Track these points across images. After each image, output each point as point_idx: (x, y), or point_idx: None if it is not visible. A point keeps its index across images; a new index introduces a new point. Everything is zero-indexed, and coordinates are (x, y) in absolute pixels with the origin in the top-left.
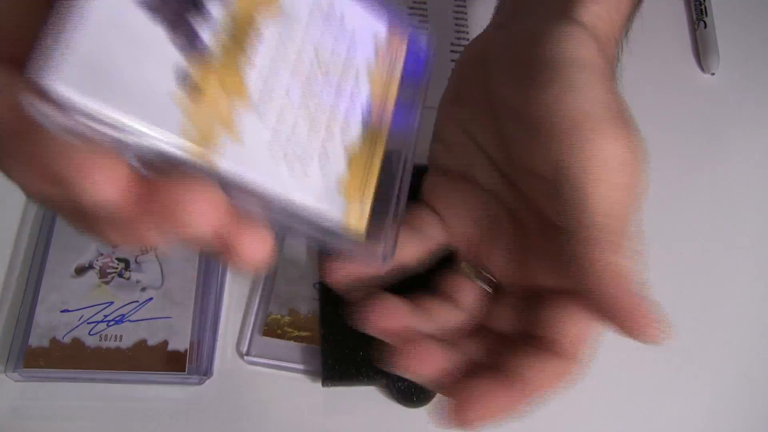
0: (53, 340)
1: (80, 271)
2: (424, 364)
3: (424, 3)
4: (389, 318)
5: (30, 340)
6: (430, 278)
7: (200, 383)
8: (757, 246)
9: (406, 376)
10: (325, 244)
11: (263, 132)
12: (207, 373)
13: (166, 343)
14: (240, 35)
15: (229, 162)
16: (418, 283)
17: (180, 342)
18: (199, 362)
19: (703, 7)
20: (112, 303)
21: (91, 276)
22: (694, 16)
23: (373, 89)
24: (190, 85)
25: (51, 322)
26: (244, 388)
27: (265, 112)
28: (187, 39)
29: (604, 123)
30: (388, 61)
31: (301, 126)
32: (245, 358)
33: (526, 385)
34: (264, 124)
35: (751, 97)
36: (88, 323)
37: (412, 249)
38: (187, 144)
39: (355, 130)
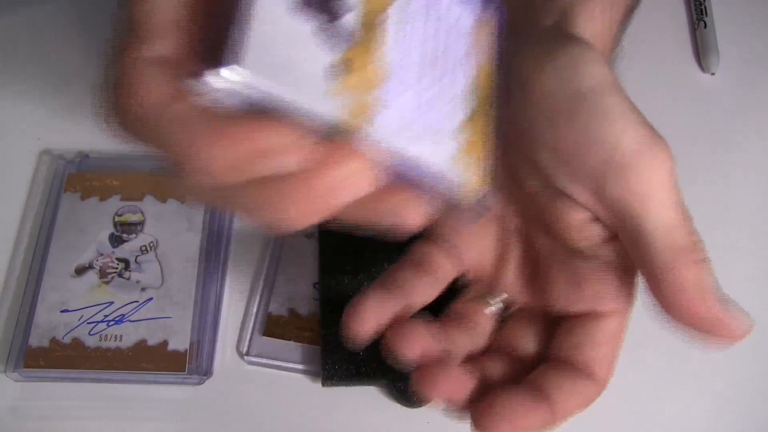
0: (53, 340)
1: (80, 271)
2: (453, 389)
3: None
4: (414, 343)
5: (30, 340)
6: (443, 305)
7: (200, 383)
8: (757, 246)
9: (434, 404)
10: (451, 201)
11: (407, 104)
12: (207, 373)
13: (166, 343)
14: (372, 20)
15: (384, 131)
16: (431, 310)
17: (180, 342)
18: (199, 362)
19: (703, 7)
20: (112, 303)
21: (91, 276)
22: (694, 16)
23: (479, 72)
24: (343, 66)
25: (51, 322)
26: (244, 388)
27: (404, 88)
28: (332, 24)
29: (644, 145)
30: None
31: (433, 101)
32: (245, 358)
33: (556, 405)
34: (405, 98)
35: (751, 97)
36: (88, 323)
37: (425, 295)
38: (344, 116)
39: (470, 104)
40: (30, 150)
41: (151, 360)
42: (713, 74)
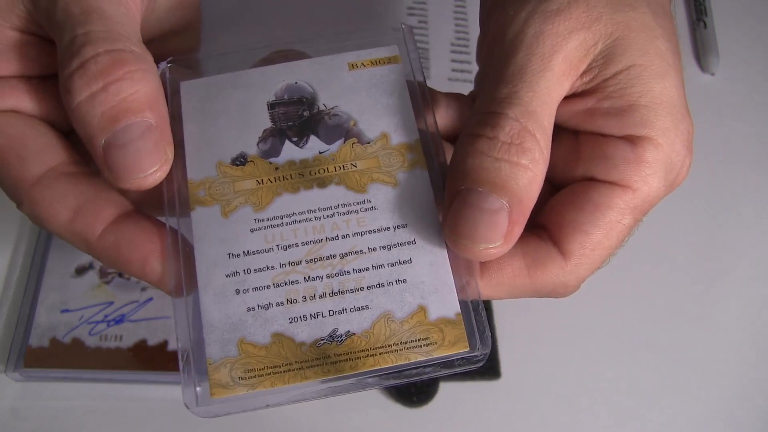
0: (53, 340)
1: (80, 271)
2: None
3: (424, 3)
4: None
5: (30, 340)
6: None
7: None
8: (756, 246)
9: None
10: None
11: (241, 238)
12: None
13: (166, 343)
14: (310, 175)
15: (198, 221)
16: None
17: None
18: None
19: (703, 7)
20: (112, 303)
21: (91, 276)
22: (694, 16)
23: None
24: (240, 162)
25: (51, 322)
26: None
27: (257, 232)
28: (271, 144)
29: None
30: None
31: (269, 270)
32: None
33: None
34: (249, 236)
35: (751, 97)
36: (88, 323)
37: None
38: (195, 184)
39: (308, 334)
40: None
41: (151, 360)
42: (713, 74)
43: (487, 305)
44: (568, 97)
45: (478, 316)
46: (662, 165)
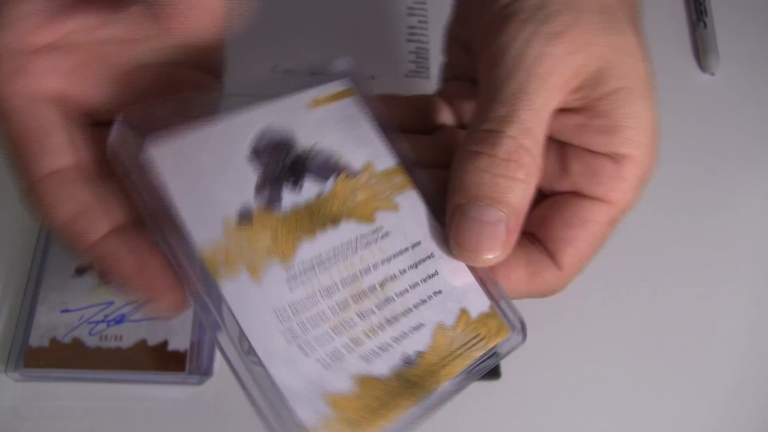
0: (53, 340)
1: (80, 270)
2: None
3: (424, 3)
4: None
5: (30, 340)
6: None
7: (200, 383)
8: (756, 246)
9: None
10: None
11: (283, 295)
12: (207, 373)
13: (166, 343)
14: (319, 217)
15: (232, 294)
16: None
17: (180, 342)
18: (199, 362)
19: (703, 7)
20: (112, 303)
21: (92, 276)
22: (694, 16)
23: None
24: (245, 218)
25: (51, 322)
26: None
27: (296, 285)
28: (270, 193)
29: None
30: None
31: (323, 319)
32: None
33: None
34: (290, 291)
35: (751, 97)
36: (88, 323)
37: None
38: (208, 253)
39: (385, 366)
40: None
41: (151, 360)
42: (713, 74)
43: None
44: (561, 111)
45: (505, 303)
46: (640, 180)
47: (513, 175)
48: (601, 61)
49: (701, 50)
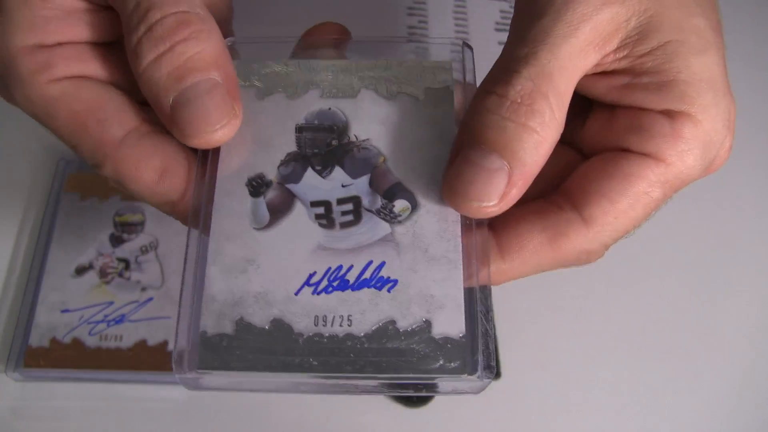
0: (53, 340)
1: (80, 271)
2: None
3: (424, 3)
4: None
5: (30, 340)
6: None
7: None
8: (757, 245)
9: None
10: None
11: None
12: None
13: (166, 343)
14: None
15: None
16: None
17: None
18: None
19: None
20: (112, 303)
21: (91, 276)
22: None
23: None
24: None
25: (51, 322)
26: None
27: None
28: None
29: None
30: None
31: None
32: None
33: (544, 234)
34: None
35: (751, 97)
36: (88, 323)
37: None
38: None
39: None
40: (30, 150)
41: (151, 360)
42: None
43: (488, 306)
44: (604, 74)
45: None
46: (700, 143)
47: (523, 122)
48: (644, 15)
49: None
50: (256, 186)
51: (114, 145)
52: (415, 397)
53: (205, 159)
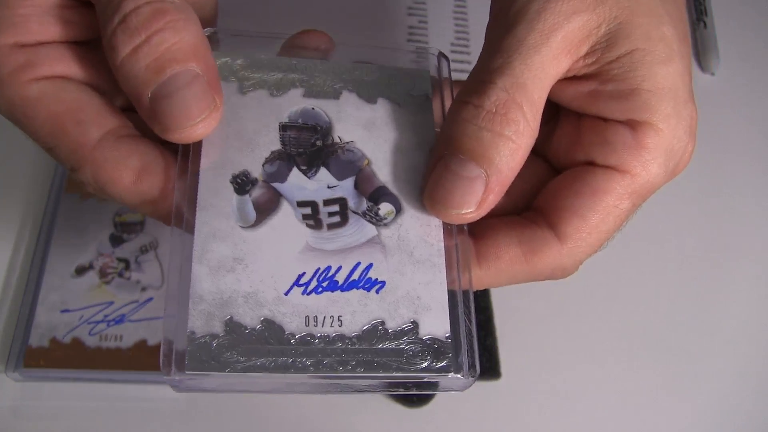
0: (53, 340)
1: (80, 271)
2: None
3: (424, 3)
4: None
5: (30, 340)
6: None
7: None
8: (757, 246)
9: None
10: None
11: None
12: None
13: None
14: None
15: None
16: None
17: None
18: None
19: (703, 7)
20: (112, 303)
21: (91, 276)
22: (694, 16)
23: None
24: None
25: (51, 322)
26: None
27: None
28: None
29: None
30: None
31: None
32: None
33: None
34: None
35: (751, 97)
36: (88, 323)
37: None
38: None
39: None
40: (30, 150)
41: (151, 360)
42: (713, 74)
43: (488, 306)
44: (571, 79)
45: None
46: (663, 151)
47: (498, 131)
48: (614, 22)
49: (701, 50)
50: (241, 183)
51: (91, 147)
52: (414, 397)
53: (186, 156)
